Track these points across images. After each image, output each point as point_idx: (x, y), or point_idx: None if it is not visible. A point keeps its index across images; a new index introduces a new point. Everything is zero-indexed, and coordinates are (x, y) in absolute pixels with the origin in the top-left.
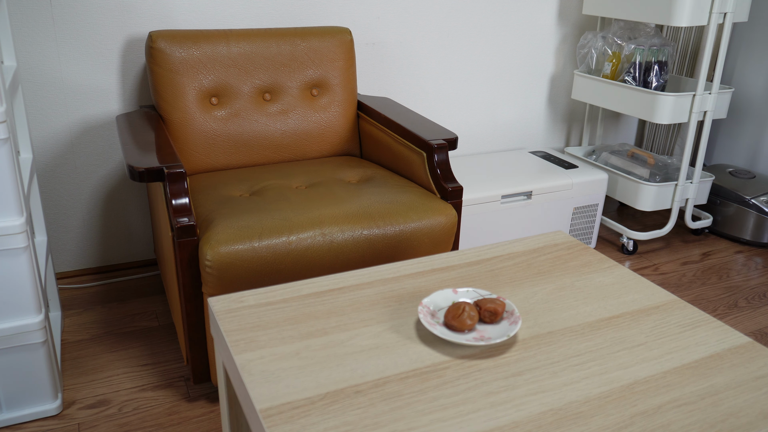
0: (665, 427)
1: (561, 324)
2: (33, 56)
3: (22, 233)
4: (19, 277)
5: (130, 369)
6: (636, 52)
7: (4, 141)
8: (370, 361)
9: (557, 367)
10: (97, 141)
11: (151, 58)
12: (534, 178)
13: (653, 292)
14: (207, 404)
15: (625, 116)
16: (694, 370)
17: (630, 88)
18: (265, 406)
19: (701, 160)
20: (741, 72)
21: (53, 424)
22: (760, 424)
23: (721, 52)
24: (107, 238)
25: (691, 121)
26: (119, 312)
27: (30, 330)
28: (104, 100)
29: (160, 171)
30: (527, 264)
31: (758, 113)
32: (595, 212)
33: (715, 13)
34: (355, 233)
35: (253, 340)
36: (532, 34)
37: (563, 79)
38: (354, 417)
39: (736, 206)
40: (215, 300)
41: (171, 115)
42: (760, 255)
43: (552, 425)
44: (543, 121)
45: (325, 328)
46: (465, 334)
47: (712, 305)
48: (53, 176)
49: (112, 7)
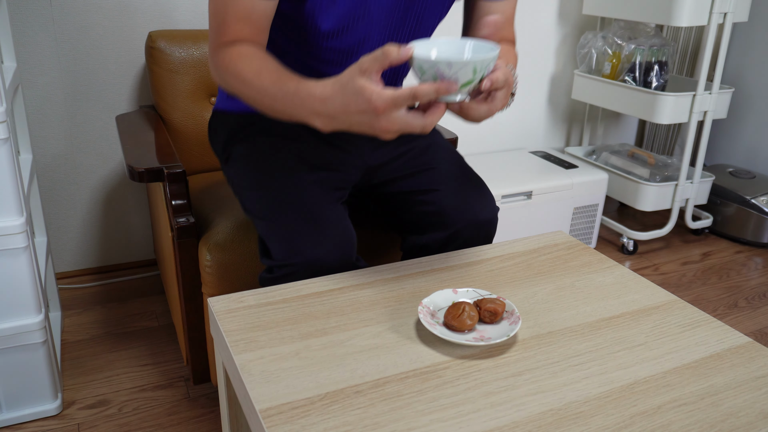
0: (665, 427)
1: (561, 324)
2: (33, 56)
3: (22, 233)
4: (19, 277)
5: (130, 369)
6: (636, 52)
7: (4, 141)
8: (369, 361)
9: (557, 367)
10: (97, 141)
11: (151, 58)
12: (534, 178)
13: (653, 292)
14: (207, 404)
15: (625, 116)
16: (694, 370)
17: (630, 88)
18: (265, 406)
19: (701, 160)
20: (741, 72)
21: (53, 424)
22: (760, 424)
23: (722, 52)
24: (107, 238)
25: (691, 121)
26: (119, 312)
27: (30, 330)
28: (104, 100)
29: (160, 171)
30: (527, 264)
31: (758, 113)
32: (595, 212)
33: (715, 13)
34: None
35: (253, 341)
36: (532, 34)
37: (563, 79)
38: (354, 417)
39: (737, 206)
40: (215, 300)
41: (171, 115)
42: (760, 255)
43: (552, 425)
44: (543, 121)
45: (324, 328)
46: (465, 334)
47: (713, 305)
48: (53, 176)
49: (111, 7)
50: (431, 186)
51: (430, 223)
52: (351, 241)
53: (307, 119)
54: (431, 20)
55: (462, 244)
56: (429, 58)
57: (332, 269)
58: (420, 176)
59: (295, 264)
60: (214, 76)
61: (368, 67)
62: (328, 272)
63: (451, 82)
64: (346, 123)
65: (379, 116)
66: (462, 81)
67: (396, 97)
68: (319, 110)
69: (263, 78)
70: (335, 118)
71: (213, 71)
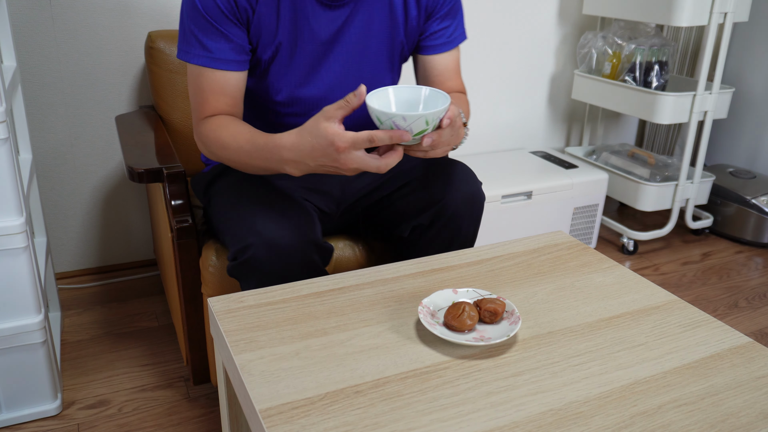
0: (665, 427)
1: (561, 324)
2: (33, 56)
3: (21, 233)
4: (18, 278)
5: (130, 369)
6: (636, 51)
7: (4, 141)
8: (369, 361)
9: (557, 367)
10: (97, 141)
11: (151, 58)
12: (534, 178)
13: (653, 292)
14: (207, 404)
15: (625, 116)
16: (695, 370)
17: (630, 88)
18: (265, 406)
19: (702, 160)
20: (741, 72)
21: (53, 425)
22: (760, 424)
23: (722, 52)
24: (107, 238)
25: (691, 121)
26: (119, 312)
27: (30, 330)
28: (104, 100)
29: (160, 172)
30: (527, 264)
31: (759, 113)
32: (595, 212)
33: (716, 13)
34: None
35: (252, 341)
36: (532, 34)
37: (563, 79)
38: (354, 417)
39: (737, 206)
40: (215, 300)
41: (170, 115)
42: (760, 255)
43: (552, 425)
44: (543, 121)
45: (324, 328)
46: (465, 334)
47: (713, 305)
48: (53, 176)
49: (111, 7)
50: (407, 179)
51: (416, 209)
52: (311, 222)
53: (280, 167)
54: (382, 83)
55: (451, 217)
56: (385, 111)
57: (292, 249)
58: (394, 179)
59: (253, 245)
60: (200, 146)
61: (332, 114)
62: (288, 253)
63: (405, 131)
64: (313, 164)
65: (340, 154)
66: (415, 131)
67: (355, 138)
68: (288, 157)
69: (239, 139)
70: (303, 161)
71: (198, 143)
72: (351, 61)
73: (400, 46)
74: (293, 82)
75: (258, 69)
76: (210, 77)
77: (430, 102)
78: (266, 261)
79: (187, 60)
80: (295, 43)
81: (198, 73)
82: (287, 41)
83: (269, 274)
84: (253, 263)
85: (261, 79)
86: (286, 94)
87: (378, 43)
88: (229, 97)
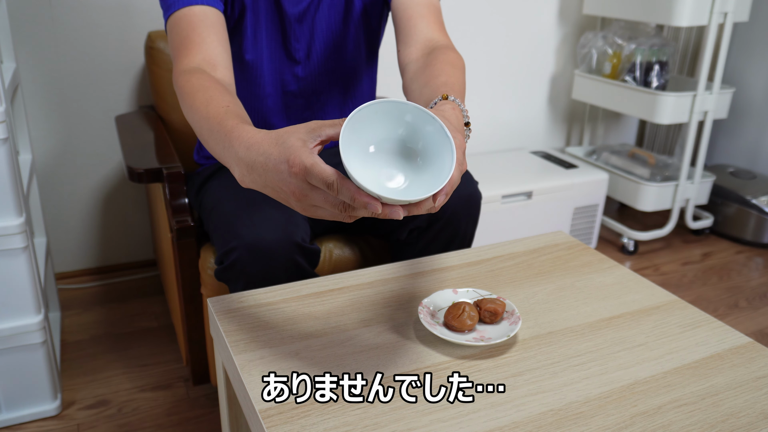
0: (665, 427)
1: (561, 324)
2: (33, 56)
3: (21, 233)
4: (18, 278)
5: (129, 369)
6: (636, 51)
7: (3, 141)
8: (369, 361)
9: (557, 367)
10: (97, 141)
11: (151, 58)
12: (534, 178)
13: (654, 293)
14: (207, 404)
15: (625, 116)
16: (695, 371)
17: (630, 88)
18: (265, 406)
19: (702, 160)
20: (742, 72)
21: (53, 425)
22: (760, 424)
23: (722, 52)
24: (107, 238)
25: (691, 121)
26: (119, 312)
27: (29, 330)
28: (104, 100)
29: (159, 172)
30: (527, 264)
31: (759, 113)
32: (595, 212)
33: (716, 12)
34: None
35: (253, 340)
36: (532, 34)
37: (563, 79)
38: (354, 417)
39: (737, 206)
40: (215, 300)
41: (170, 115)
42: (760, 255)
43: (552, 425)
44: (543, 121)
45: (324, 328)
46: (465, 335)
47: (713, 305)
48: (53, 176)
49: (111, 7)
50: None
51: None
52: (294, 223)
53: (230, 163)
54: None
55: (449, 218)
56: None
57: (274, 250)
58: None
59: (236, 248)
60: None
61: (306, 137)
62: (270, 254)
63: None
64: (261, 179)
65: (290, 175)
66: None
67: (313, 168)
68: (241, 156)
69: (210, 108)
70: (253, 169)
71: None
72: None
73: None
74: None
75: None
76: (191, 13)
77: (429, 149)
78: (249, 264)
79: (173, 9)
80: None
81: (179, 16)
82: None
83: (254, 277)
84: (237, 267)
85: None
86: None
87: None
88: (213, 35)
